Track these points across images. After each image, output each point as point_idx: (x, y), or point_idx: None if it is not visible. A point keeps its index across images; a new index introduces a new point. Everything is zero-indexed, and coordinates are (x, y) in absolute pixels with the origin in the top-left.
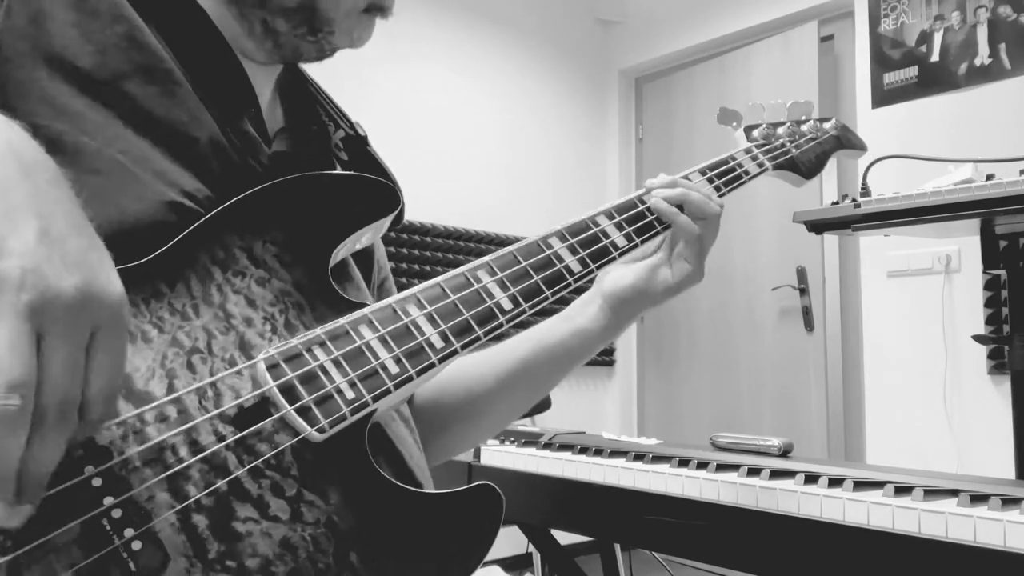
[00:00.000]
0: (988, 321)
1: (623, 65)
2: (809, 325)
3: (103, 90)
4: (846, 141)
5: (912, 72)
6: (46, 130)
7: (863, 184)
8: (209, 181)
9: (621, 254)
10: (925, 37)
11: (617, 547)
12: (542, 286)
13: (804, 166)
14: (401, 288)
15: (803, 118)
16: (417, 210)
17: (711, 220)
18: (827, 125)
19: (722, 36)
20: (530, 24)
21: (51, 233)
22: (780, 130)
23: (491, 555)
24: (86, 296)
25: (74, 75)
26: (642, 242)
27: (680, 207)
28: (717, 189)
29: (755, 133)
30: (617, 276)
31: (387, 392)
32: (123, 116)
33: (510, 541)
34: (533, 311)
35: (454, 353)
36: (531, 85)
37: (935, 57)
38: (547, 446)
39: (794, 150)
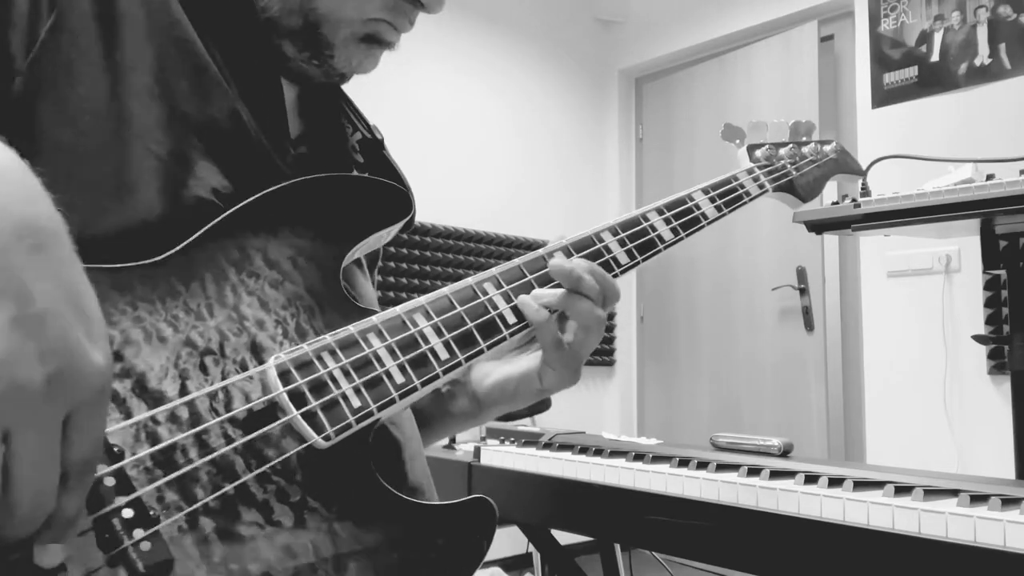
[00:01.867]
0: (988, 321)
1: (623, 65)
2: (809, 325)
3: (143, 80)
4: (844, 165)
5: (912, 72)
6: (85, 118)
7: (863, 184)
8: (236, 179)
9: (623, 271)
10: (925, 37)
11: (617, 547)
12: None
13: (803, 189)
14: (392, 288)
15: (804, 139)
16: (417, 210)
17: (593, 329)
18: (827, 148)
19: (722, 36)
20: (530, 24)
21: (28, 316)
22: (782, 151)
23: (491, 555)
24: (59, 383)
25: (118, 64)
26: (644, 260)
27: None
28: (719, 209)
29: (758, 153)
30: (483, 373)
31: (392, 402)
32: (160, 107)
33: (510, 541)
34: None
35: (458, 364)
36: (531, 85)
37: (935, 57)
38: (547, 446)
39: (794, 172)
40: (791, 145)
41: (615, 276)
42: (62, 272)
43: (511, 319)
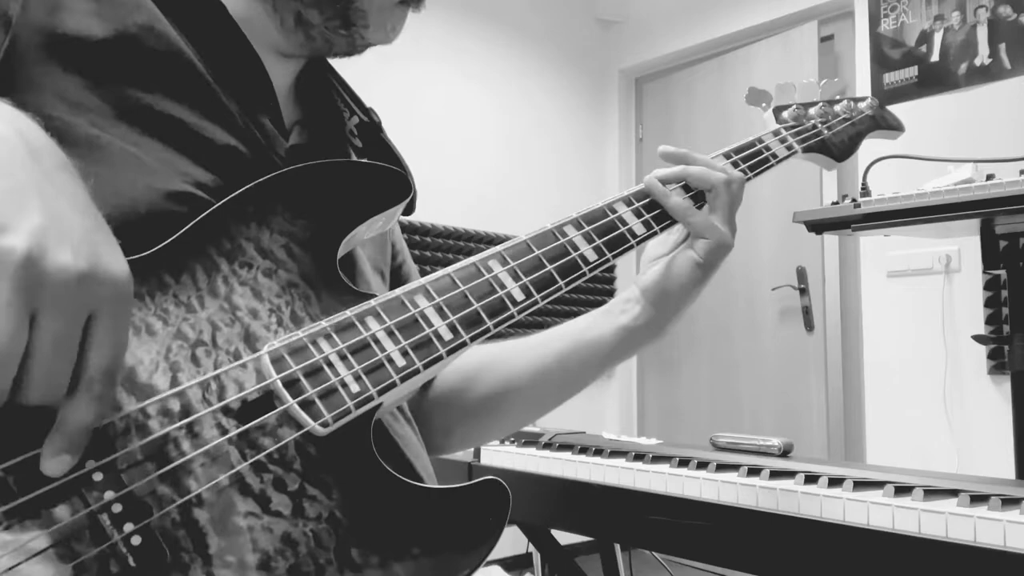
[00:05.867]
0: (988, 321)
1: (623, 65)
2: (809, 325)
3: (117, 81)
4: (882, 121)
5: (912, 72)
6: (58, 122)
7: (863, 184)
8: (224, 173)
9: (639, 242)
10: (925, 37)
11: (617, 547)
12: (555, 276)
13: (836, 148)
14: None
15: (837, 97)
16: (417, 210)
17: (718, 189)
18: (862, 105)
19: (722, 36)
20: (530, 24)
21: (58, 214)
22: (812, 111)
23: (491, 555)
24: (88, 275)
25: (89, 67)
26: (661, 229)
27: (684, 185)
28: (743, 173)
29: (785, 114)
30: (654, 271)
31: (392, 385)
32: (137, 107)
33: (510, 541)
34: (546, 301)
35: (463, 345)
36: (531, 85)
37: (935, 57)
38: (547, 446)
39: (826, 131)
40: (821, 104)
41: (631, 248)
42: (79, 191)
43: (519, 297)
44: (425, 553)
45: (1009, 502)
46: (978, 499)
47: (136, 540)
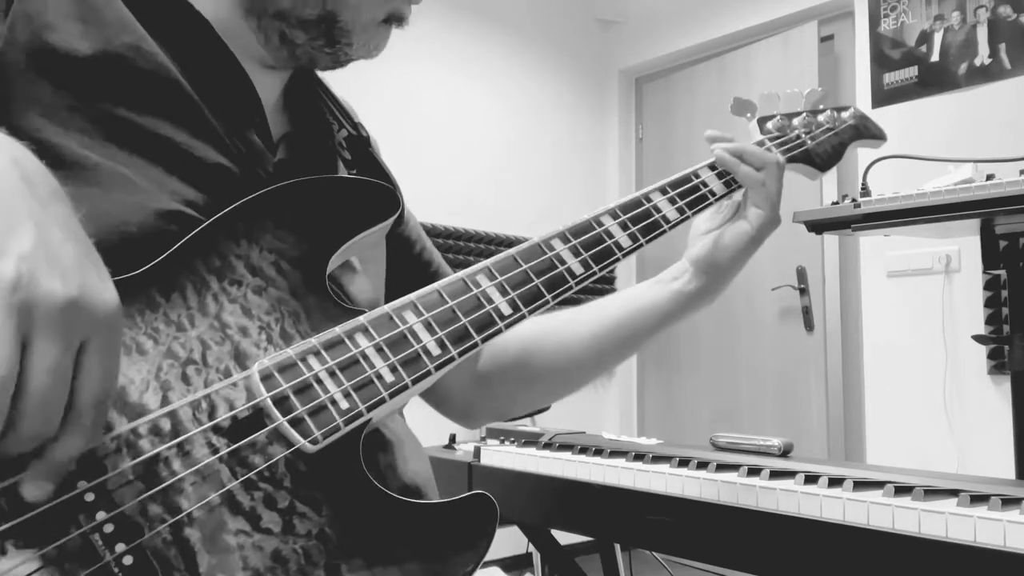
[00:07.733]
0: (988, 321)
1: (623, 65)
2: (809, 325)
3: (105, 101)
4: (864, 130)
5: (912, 72)
6: (48, 143)
7: (863, 184)
8: (213, 191)
9: (626, 254)
10: (925, 37)
11: (617, 547)
12: (542, 289)
13: (820, 158)
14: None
15: (820, 107)
16: (417, 210)
17: (770, 168)
18: (845, 114)
19: (722, 36)
20: (530, 24)
21: (49, 241)
22: (795, 121)
23: (491, 555)
24: (79, 303)
25: (76, 86)
26: (647, 241)
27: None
28: (727, 184)
29: (769, 125)
30: (703, 243)
31: (382, 401)
32: (126, 127)
33: (510, 541)
34: (533, 315)
35: (451, 360)
36: (531, 85)
37: (935, 57)
38: (547, 446)
39: (809, 142)
40: (805, 114)
41: (617, 261)
42: (72, 219)
43: (506, 311)
44: (413, 568)
45: (1009, 502)
46: (978, 499)
47: (128, 560)
